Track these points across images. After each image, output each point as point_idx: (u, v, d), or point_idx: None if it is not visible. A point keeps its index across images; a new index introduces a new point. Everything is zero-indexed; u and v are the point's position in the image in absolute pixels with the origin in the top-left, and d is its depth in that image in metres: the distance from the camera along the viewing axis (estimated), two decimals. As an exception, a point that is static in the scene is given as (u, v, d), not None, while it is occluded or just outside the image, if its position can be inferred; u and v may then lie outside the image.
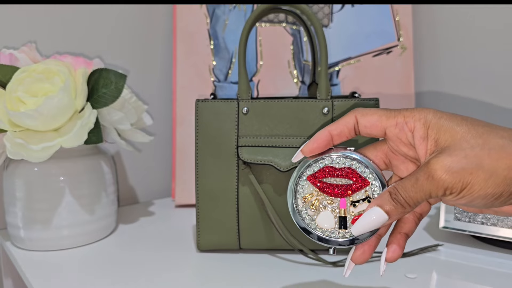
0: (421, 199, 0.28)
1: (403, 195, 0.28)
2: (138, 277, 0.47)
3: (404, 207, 0.29)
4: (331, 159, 0.33)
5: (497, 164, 0.26)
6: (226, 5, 0.77)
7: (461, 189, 0.27)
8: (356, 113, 0.32)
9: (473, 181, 0.26)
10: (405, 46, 0.77)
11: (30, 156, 0.49)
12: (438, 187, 0.27)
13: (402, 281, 0.45)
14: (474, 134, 0.28)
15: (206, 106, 0.51)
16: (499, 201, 0.27)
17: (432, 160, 0.28)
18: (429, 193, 0.28)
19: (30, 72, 0.51)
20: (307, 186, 0.34)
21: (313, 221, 0.33)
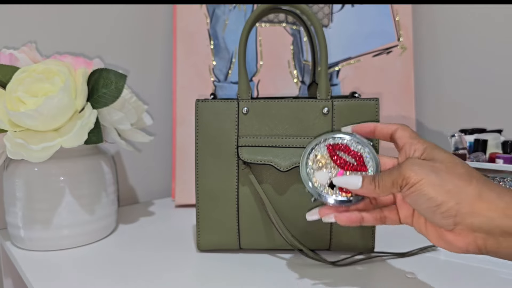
0: (387, 183, 0.36)
1: (378, 179, 0.37)
2: (138, 277, 0.47)
3: (375, 187, 0.37)
4: (351, 142, 0.41)
5: (447, 179, 0.33)
6: (226, 5, 0.77)
7: (413, 183, 0.34)
8: (400, 126, 0.40)
9: (424, 180, 0.33)
10: (405, 46, 0.77)
11: (30, 156, 0.49)
12: (400, 176, 0.35)
13: (402, 281, 0.45)
14: (450, 161, 0.35)
15: (206, 106, 0.51)
16: (439, 212, 0.33)
17: (406, 160, 0.36)
18: (393, 179, 0.35)
19: (30, 72, 0.51)
20: (323, 150, 0.42)
21: (313, 173, 0.41)
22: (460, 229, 0.33)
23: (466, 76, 0.78)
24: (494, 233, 0.32)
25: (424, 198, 0.33)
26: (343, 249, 0.52)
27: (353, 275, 0.47)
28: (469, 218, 0.32)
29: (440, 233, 0.35)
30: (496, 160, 0.58)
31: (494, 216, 0.31)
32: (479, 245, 0.33)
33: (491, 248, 0.32)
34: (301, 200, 0.51)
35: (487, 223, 0.32)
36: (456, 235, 0.33)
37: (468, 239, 0.33)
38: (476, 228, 0.32)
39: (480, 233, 0.32)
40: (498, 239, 0.32)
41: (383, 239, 0.56)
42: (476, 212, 0.32)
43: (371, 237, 0.51)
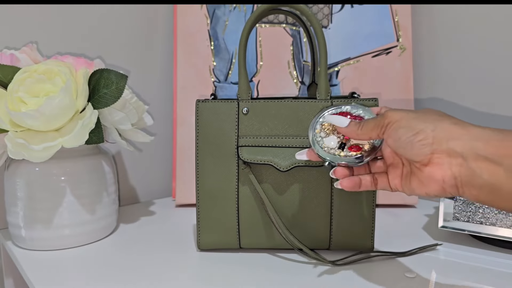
0: (370, 125, 0.39)
1: (364, 123, 0.40)
2: (138, 276, 0.48)
3: (358, 128, 0.40)
4: (351, 107, 0.44)
5: (425, 115, 0.36)
6: (226, 6, 0.78)
7: (395, 120, 0.37)
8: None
9: (404, 117, 0.37)
10: (404, 47, 0.77)
11: (31, 156, 0.49)
12: (382, 118, 0.38)
13: (402, 281, 0.45)
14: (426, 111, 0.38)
15: (207, 107, 0.51)
16: (417, 140, 0.35)
17: (387, 109, 0.39)
18: (376, 122, 0.39)
19: (31, 73, 0.51)
20: (327, 117, 0.44)
21: (322, 140, 0.44)
22: (436, 158, 0.35)
23: (466, 76, 0.78)
24: (468, 156, 0.33)
25: (403, 130, 0.36)
26: (343, 248, 0.52)
27: (352, 274, 0.47)
28: (444, 143, 0.34)
29: (419, 174, 0.36)
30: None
31: (468, 138, 0.33)
32: (454, 173, 0.34)
33: (466, 176, 0.33)
34: (301, 199, 0.51)
35: (461, 145, 0.33)
36: (432, 166, 0.35)
37: (444, 168, 0.34)
38: (451, 152, 0.34)
39: (455, 158, 0.34)
40: (471, 165, 0.33)
41: (383, 239, 0.57)
42: (451, 136, 0.34)
43: (370, 237, 0.52)
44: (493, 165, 0.32)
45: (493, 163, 0.32)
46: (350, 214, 0.51)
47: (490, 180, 0.32)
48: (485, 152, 0.32)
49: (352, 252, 0.52)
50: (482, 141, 0.33)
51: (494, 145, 0.32)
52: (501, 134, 0.33)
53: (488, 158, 0.32)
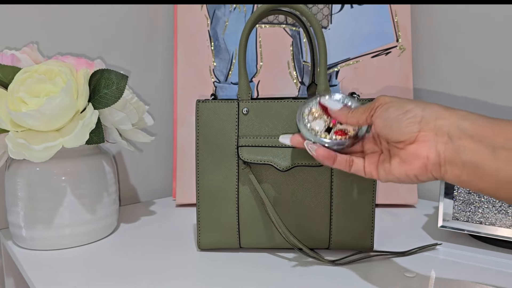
0: (360, 110, 0.40)
1: (355, 110, 0.41)
2: (139, 275, 0.48)
3: (350, 111, 0.42)
4: (342, 96, 0.45)
5: (414, 101, 0.37)
6: (226, 7, 0.78)
7: (385, 102, 0.38)
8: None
9: (395, 100, 0.38)
10: (404, 47, 0.77)
11: (32, 156, 0.49)
12: (375, 101, 0.39)
13: (401, 280, 0.46)
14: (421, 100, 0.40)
15: (207, 107, 0.52)
16: (406, 118, 0.36)
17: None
18: (366, 107, 0.40)
19: (32, 73, 0.51)
20: (316, 106, 0.45)
21: (309, 123, 0.45)
22: (423, 136, 0.35)
23: (465, 76, 0.78)
24: (453, 135, 0.34)
25: (393, 109, 0.37)
26: (343, 248, 0.53)
27: (352, 274, 0.47)
28: (432, 122, 0.35)
29: (403, 155, 0.37)
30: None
31: (455, 119, 0.34)
32: (439, 151, 0.35)
33: (450, 154, 0.34)
34: (301, 199, 0.51)
35: (448, 124, 0.34)
36: (418, 143, 0.36)
37: (429, 145, 0.35)
38: (438, 131, 0.35)
39: (441, 137, 0.35)
40: (455, 143, 0.34)
41: (382, 238, 0.57)
42: (439, 116, 0.35)
43: (370, 236, 0.52)
44: (478, 144, 0.33)
45: (477, 142, 0.33)
46: (350, 214, 0.51)
47: (473, 159, 0.33)
48: (471, 131, 0.33)
49: (352, 252, 0.52)
50: (469, 120, 0.34)
51: (480, 125, 0.33)
52: (488, 118, 0.34)
53: (473, 137, 0.33)
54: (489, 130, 0.33)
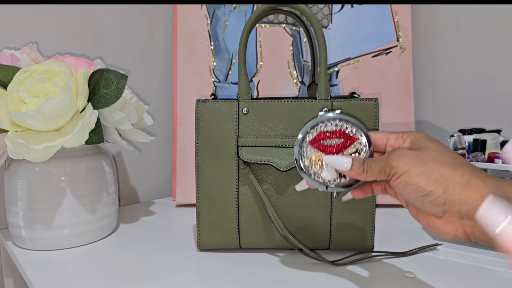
0: (375, 170, 0.37)
1: (367, 163, 0.37)
2: (139, 276, 0.48)
3: (363, 171, 0.37)
4: (324, 125, 0.41)
5: (434, 168, 0.34)
6: (226, 6, 0.78)
7: (400, 173, 0.35)
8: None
9: (411, 170, 0.34)
10: (404, 47, 0.77)
11: (31, 156, 0.49)
12: (387, 165, 0.36)
13: (402, 280, 0.45)
14: (437, 150, 0.35)
15: (207, 107, 0.51)
16: (428, 201, 0.34)
17: (394, 150, 0.37)
18: (381, 167, 0.36)
19: (31, 73, 0.51)
20: (310, 150, 0.41)
21: (319, 175, 0.41)
22: (448, 216, 0.34)
23: (465, 76, 0.78)
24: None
25: (412, 188, 0.34)
26: (343, 248, 0.52)
27: (352, 274, 0.47)
28: (457, 206, 0.33)
29: (430, 220, 0.36)
30: (495, 160, 0.58)
31: (480, 204, 0.32)
32: (467, 232, 0.34)
33: (479, 235, 0.33)
34: (301, 199, 0.51)
35: (474, 210, 0.32)
36: (445, 222, 0.34)
37: (456, 226, 0.34)
38: (464, 216, 0.33)
39: (468, 220, 0.33)
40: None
41: (383, 239, 0.57)
42: (463, 201, 0.33)
43: (370, 237, 0.52)
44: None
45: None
46: (350, 214, 0.51)
47: (503, 239, 0.32)
48: None
49: (352, 252, 0.52)
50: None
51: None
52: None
53: None
54: None
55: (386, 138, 0.40)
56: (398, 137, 0.39)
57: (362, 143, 0.40)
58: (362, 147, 0.40)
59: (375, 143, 0.40)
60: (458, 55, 0.79)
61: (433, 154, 0.35)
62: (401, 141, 0.39)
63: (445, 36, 0.80)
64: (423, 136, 0.37)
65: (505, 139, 0.64)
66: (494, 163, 0.58)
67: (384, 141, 0.40)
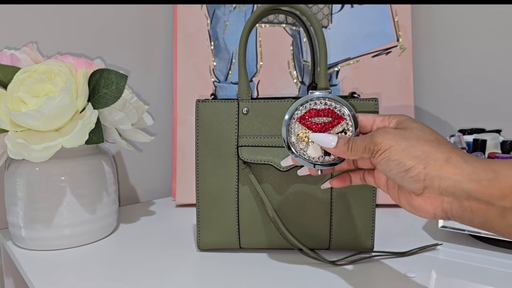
0: (360, 148, 0.37)
1: (352, 141, 0.38)
2: (138, 276, 0.48)
3: (347, 148, 0.38)
4: (313, 103, 0.42)
5: (416, 145, 0.34)
6: (226, 6, 0.78)
7: (384, 149, 0.35)
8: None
9: (395, 146, 0.35)
10: (404, 47, 0.77)
11: (31, 156, 0.49)
12: (371, 142, 0.36)
13: (402, 280, 0.45)
14: (420, 129, 0.36)
15: (207, 107, 0.51)
16: (408, 176, 0.34)
17: (379, 129, 0.38)
18: (365, 145, 0.37)
19: (31, 73, 0.51)
20: (297, 126, 0.42)
21: (305, 152, 0.41)
22: (428, 193, 0.34)
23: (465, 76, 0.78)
24: (459, 196, 0.33)
25: (394, 164, 0.35)
26: (343, 248, 0.52)
27: (352, 274, 0.47)
28: (436, 181, 0.33)
29: (410, 199, 0.36)
30: (495, 160, 0.58)
31: (460, 179, 0.33)
32: (446, 209, 0.34)
33: (456, 212, 0.33)
34: (301, 199, 0.51)
35: (453, 186, 0.33)
36: (425, 199, 0.35)
37: (435, 203, 0.34)
38: (443, 191, 0.33)
39: (447, 197, 0.33)
40: (463, 203, 0.33)
41: (383, 239, 0.57)
42: (443, 176, 0.33)
43: (370, 236, 0.52)
44: (485, 205, 0.32)
45: (485, 204, 0.32)
46: (350, 214, 0.51)
47: (482, 218, 0.32)
48: (477, 194, 0.32)
49: (352, 252, 0.52)
50: (474, 182, 0.32)
51: (486, 185, 0.32)
52: (493, 172, 0.32)
53: (480, 199, 0.32)
54: (495, 190, 0.32)
55: (373, 119, 0.41)
56: (384, 119, 0.40)
57: (349, 123, 0.41)
58: (349, 127, 0.41)
59: (362, 124, 0.41)
60: (458, 55, 0.79)
61: (416, 132, 0.36)
62: (387, 123, 0.40)
63: (445, 36, 0.80)
64: (408, 118, 0.38)
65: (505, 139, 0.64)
66: (494, 163, 0.58)
67: (370, 122, 0.41)
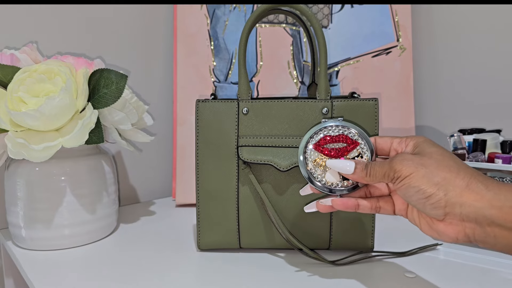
0: (379, 174, 0.37)
1: (370, 167, 0.38)
2: (138, 276, 0.48)
3: (366, 174, 0.39)
4: (327, 130, 0.43)
5: (436, 172, 0.34)
6: (226, 6, 0.78)
7: (404, 176, 0.35)
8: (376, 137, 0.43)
9: (414, 174, 0.35)
10: (404, 47, 0.77)
11: (31, 156, 0.49)
12: (391, 169, 0.36)
13: (401, 280, 0.45)
14: (439, 154, 0.36)
15: (207, 106, 0.51)
16: (429, 203, 0.34)
17: (397, 154, 0.38)
18: (385, 171, 0.37)
19: (31, 73, 0.51)
20: (313, 153, 0.43)
21: (321, 177, 0.42)
22: (450, 219, 0.34)
23: (465, 76, 0.78)
24: (481, 222, 0.33)
25: (414, 191, 0.35)
26: (343, 248, 0.52)
27: (352, 274, 0.47)
28: (458, 208, 0.33)
29: (431, 223, 0.36)
30: (495, 160, 0.58)
31: (481, 206, 0.32)
32: (468, 234, 0.34)
33: (479, 237, 0.33)
34: (301, 199, 0.51)
35: (474, 212, 0.33)
36: (446, 224, 0.35)
37: (457, 228, 0.34)
38: (464, 218, 0.33)
39: (469, 223, 0.33)
40: (485, 229, 0.33)
41: (383, 239, 0.57)
42: (464, 203, 0.33)
43: (370, 236, 0.52)
44: (507, 231, 0.32)
45: (507, 230, 0.32)
46: (350, 214, 0.51)
47: (504, 242, 0.32)
48: (499, 220, 0.32)
49: (352, 252, 0.52)
50: (496, 208, 0.32)
51: (507, 212, 0.32)
52: None
53: (502, 225, 0.32)
54: None
55: (390, 142, 0.41)
56: (401, 141, 0.40)
57: (364, 147, 0.41)
58: (365, 151, 0.41)
59: (380, 147, 0.42)
60: (458, 55, 0.79)
61: (435, 158, 0.36)
62: (404, 145, 0.40)
63: (445, 36, 0.80)
64: (426, 140, 0.38)
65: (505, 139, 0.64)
66: (494, 163, 0.58)
67: (388, 144, 0.41)
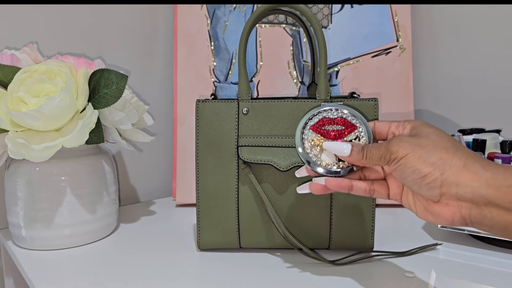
0: (375, 156, 0.37)
1: (367, 150, 0.38)
2: (139, 276, 0.48)
3: (362, 157, 0.38)
4: (326, 112, 0.43)
5: (432, 152, 0.34)
6: (226, 6, 0.78)
7: (400, 157, 0.35)
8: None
9: (410, 154, 0.34)
10: (404, 47, 0.77)
11: (32, 156, 0.49)
12: (387, 151, 0.36)
13: (401, 280, 0.45)
14: (436, 134, 0.36)
15: (207, 106, 0.52)
16: (425, 183, 0.34)
17: (394, 137, 0.37)
18: (381, 153, 0.37)
19: (31, 73, 0.51)
20: (311, 134, 0.43)
21: (319, 158, 0.42)
22: (445, 199, 0.34)
23: (465, 76, 0.78)
24: (478, 202, 0.32)
25: (410, 171, 0.35)
26: (343, 248, 0.52)
27: (352, 274, 0.47)
28: (454, 188, 0.33)
29: (426, 205, 0.36)
30: (495, 160, 0.58)
31: (478, 186, 0.32)
32: (464, 215, 0.33)
33: (475, 218, 0.33)
34: (301, 199, 0.51)
35: (471, 192, 0.32)
36: (442, 206, 0.34)
37: (453, 209, 0.34)
38: (460, 198, 0.33)
39: (465, 203, 0.33)
40: (481, 209, 0.32)
41: (382, 238, 0.57)
42: (460, 182, 0.33)
43: (370, 236, 0.52)
44: (505, 211, 0.31)
45: (504, 209, 0.31)
46: (350, 214, 0.51)
47: (501, 223, 0.32)
48: (496, 200, 0.32)
49: (352, 252, 0.52)
50: (493, 188, 0.32)
51: (505, 191, 0.31)
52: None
53: (500, 205, 0.31)
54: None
55: (388, 126, 0.41)
56: (399, 124, 0.40)
57: (363, 131, 0.42)
58: (363, 135, 0.42)
59: (378, 131, 0.41)
60: (458, 55, 0.79)
61: (432, 138, 0.35)
62: (402, 128, 0.39)
63: (445, 36, 0.80)
64: (423, 123, 0.38)
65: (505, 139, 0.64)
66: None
67: (386, 128, 0.41)
